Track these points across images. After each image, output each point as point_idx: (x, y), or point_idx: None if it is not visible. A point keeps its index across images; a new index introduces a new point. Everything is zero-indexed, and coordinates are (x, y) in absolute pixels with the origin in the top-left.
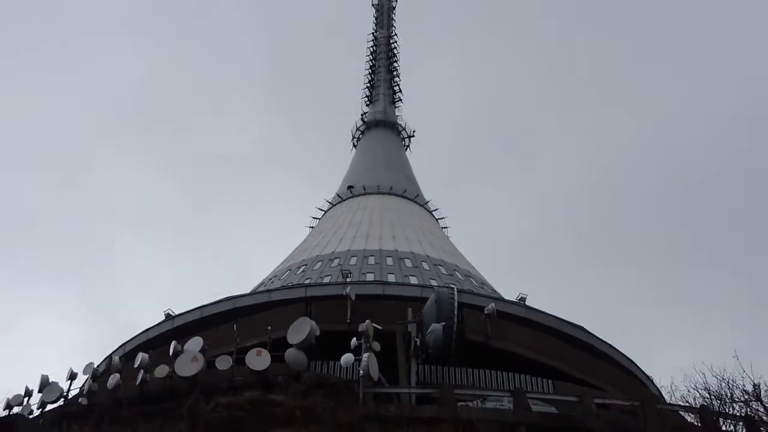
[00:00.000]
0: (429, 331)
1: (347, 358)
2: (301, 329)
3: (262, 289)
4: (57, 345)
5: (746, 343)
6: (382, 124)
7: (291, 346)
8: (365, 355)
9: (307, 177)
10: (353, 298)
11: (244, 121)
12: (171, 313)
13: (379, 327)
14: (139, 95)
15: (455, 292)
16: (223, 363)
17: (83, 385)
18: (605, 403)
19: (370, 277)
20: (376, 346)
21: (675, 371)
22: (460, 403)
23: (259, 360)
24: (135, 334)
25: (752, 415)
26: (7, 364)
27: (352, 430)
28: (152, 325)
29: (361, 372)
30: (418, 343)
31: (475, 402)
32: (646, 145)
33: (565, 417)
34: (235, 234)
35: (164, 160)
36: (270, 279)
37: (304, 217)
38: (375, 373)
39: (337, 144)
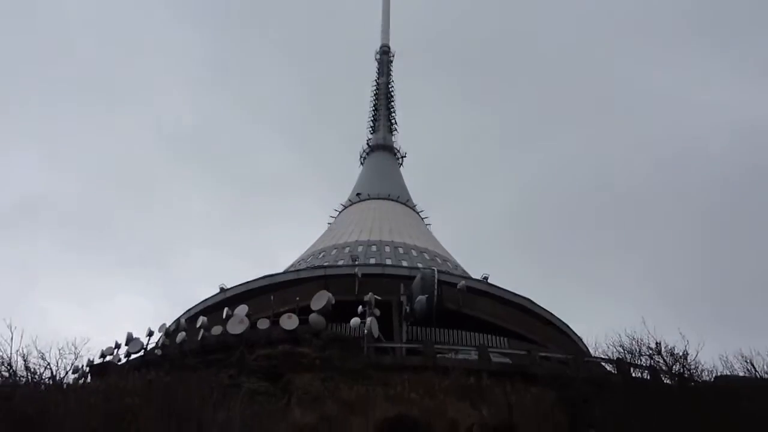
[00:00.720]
0: (416, 301)
1: (355, 321)
2: (321, 299)
3: (292, 269)
4: (139, 313)
5: (651, 312)
6: (382, 148)
7: (313, 311)
8: (369, 319)
9: (325, 188)
10: (360, 276)
11: (277, 146)
12: (224, 286)
13: (379, 298)
14: (200, 137)
15: (436, 273)
16: (263, 324)
17: (158, 340)
18: (547, 355)
19: (372, 260)
20: (377, 312)
21: (599, 333)
22: (438, 355)
23: (289, 322)
24: (196, 303)
25: (655, 365)
26: (103, 327)
27: (358, 374)
28: (209, 296)
29: (366, 331)
30: (408, 310)
31: (450, 354)
32: (561, 172)
33: (517, 366)
34: (272, 230)
35: (218, 181)
36: (298, 262)
37: (324, 216)
38: (376, 332)
39: (348, 163)
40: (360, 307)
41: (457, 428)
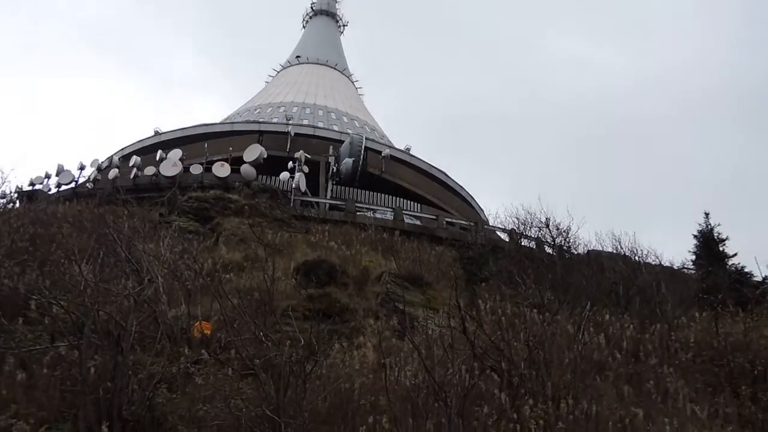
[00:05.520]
0: (342, 163)
1: (284, 175)
2: (253, 152)
3: (227, 121)
4: (69, 151)
5: (548, 191)
6: (325, 13)
7: (245, 162)
8: (297, 174)
9: (268, 47)
10: (293, 134)
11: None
12: (158, 130)
13: (309, 156)
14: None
15: (363, 139)
16: (196, 169)
17: (90, 175)
18: (452, 221)
19: (305, 122)
20: (305, 169)
21: (499, 205)
22: (358, 213)
23: (222, 170)
24: (130, 143)
25: (541, 237)
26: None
27: (284, 223)
28: (144, 137)
29: (294, 185)
30: (334, 171)
31: (368, 213)
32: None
33: (426, 228)
34: (216, 86)
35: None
36: (234, 115)
37: (263, 75)
38: (303, 187)
39: (290, 26)
40: (290, 163)
41: (369, 275)
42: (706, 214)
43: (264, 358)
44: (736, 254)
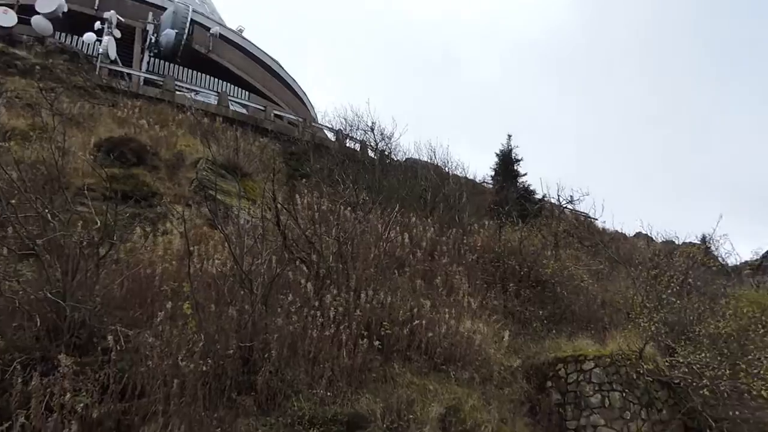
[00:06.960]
0: (163, 34)
1: (90, 36)
2: (51, 1)
3: None
4: None
5: (377, 98)
6: None
7: (39, 14)
8: (106, 38)
9: None
10: None
11: None
12: None
13: (122, 20)
14: None
15: (190, 10)
16: None
17: None
18: (280, 115)
19: None
20: (117, 33)
21: (329, 105)
22: (178, 93)
23: (5, 17)
24: None
25: (366, 140)
26: None
27: (86, 92)
28: None
29: (101, 50)
30: (153, 41)
31: (189, 94)
32: None
33: (252, 117)
34: None
35: None
36: None
37: None
38: (113, 53)
39: None
40: (98, 23)
41: (184, 160)
42: (509, 136)
43: (48, 238)
44: (526, 174)
